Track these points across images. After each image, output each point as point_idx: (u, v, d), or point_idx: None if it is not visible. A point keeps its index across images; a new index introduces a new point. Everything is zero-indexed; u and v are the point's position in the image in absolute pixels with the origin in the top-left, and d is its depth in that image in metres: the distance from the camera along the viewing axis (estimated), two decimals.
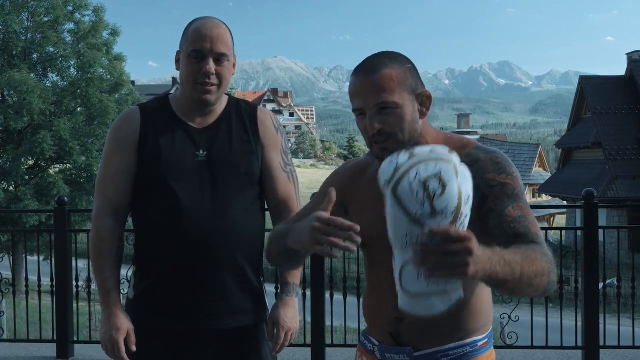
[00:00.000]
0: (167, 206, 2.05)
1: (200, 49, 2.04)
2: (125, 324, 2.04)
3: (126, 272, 2.63)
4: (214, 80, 2.06)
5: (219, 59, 2.06)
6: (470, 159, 1.66)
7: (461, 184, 1.33)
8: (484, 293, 1.74)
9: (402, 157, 1.36)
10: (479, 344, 1.71)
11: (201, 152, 2.08)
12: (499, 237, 1.62)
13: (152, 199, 2.08)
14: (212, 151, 2.08)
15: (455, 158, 1.36)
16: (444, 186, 1.29)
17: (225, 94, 2.20)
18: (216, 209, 2.05)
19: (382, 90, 1.63)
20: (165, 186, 2.05)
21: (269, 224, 2.29)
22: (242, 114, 2.17)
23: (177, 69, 2.13)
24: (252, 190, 2.14)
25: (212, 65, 2.04)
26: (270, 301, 2.25)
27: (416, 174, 1.30)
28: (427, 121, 1.75)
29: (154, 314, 2.10)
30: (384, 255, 1.73)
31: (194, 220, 2.03)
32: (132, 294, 2.17)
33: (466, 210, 1.33)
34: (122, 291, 4.99)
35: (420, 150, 1.37)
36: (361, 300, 1.92)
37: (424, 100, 1.71)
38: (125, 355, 2.03)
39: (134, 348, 2.04)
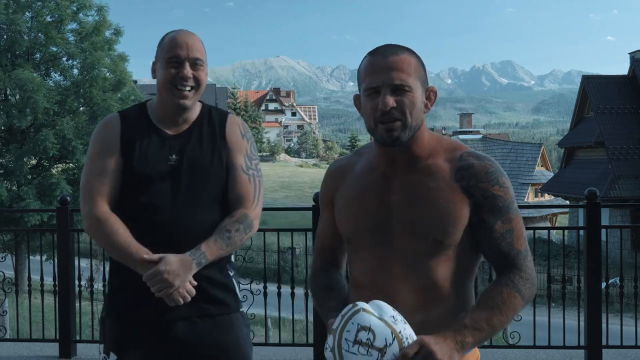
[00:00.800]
0: (141, 206, 2.19)
1: (177, 55, 2.20)
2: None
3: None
4: (191, 83, 2.21)
5: (195, 63, 2.22)
6: (464, 164, 1.73)
7: (379, 313, 1.50)
8: (467, 294, 1.77)
9: (329, 341, 1.52)
10: None
11: (173, 156, 2.23)
12: (484, 251, 1.73)
13: (127, 199, 2.22)
14: (183, 156, 2.23)
15: (359, 304, 1.52)
16: (370, 330, 1.46)
17: (200, 99, 2.33)
18: (184, 209, 2.19)
19: (401, 71, 1.68)
20: (139, 188, 2.20)
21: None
22: (213, 121, 2.32)
23: (154, 77, 2.29)
24: (219, 192, 2.26)
25: (189, 70, 2.20)
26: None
27: (346, 341, 1.48)
28: (424, 119, 1.79)
29: (127, 307, 2.23)
30: (366, 251, 1.78)
31: (165, 219, 2.18)
32: (108, 288, 2.33)
33: (400, 325, 1.49)
34: None
35: (336, 322, 1.53)
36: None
37: (430, 95, 1.77)
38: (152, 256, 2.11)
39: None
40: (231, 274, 2.33)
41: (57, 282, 5.18)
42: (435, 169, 1.73)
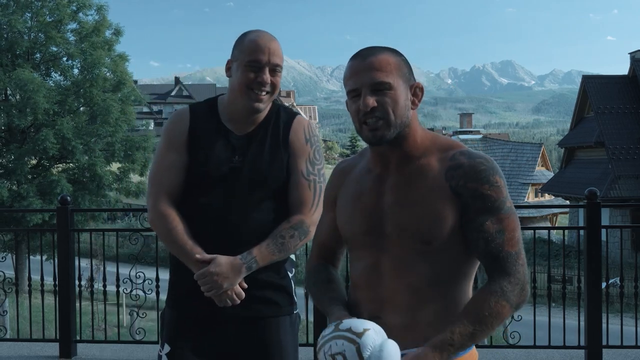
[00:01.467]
0: (203, 204, 2.22)
1: (258, 60, 2.19)
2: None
3: (128, 271, 2.66)
4: (268, 88, 2.22)
5: (274, 69, 2.22)
6: (454, 163, 1.70)
7: (347, 329, 1.56)
8: (461, 296, 1.75)
9: (329, 328, 1.58)
10: None
11: (237, 158, 2.24)
12: (475, 251, 1.70)
13: (187, 196, 2.25)
14: (245, 158, 2.24)
15: (364, 340, 1.55)
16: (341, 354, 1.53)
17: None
18: (244, 210, 2.21)
19: (380, 70, 1.68)
20: (200, 187, 2.23)
21: None
22: (280, 122, 2.32)
23: (228, 76, 2.28)
24: (278, 195, 2.28)
25: (268, 76, 2.20)
26: (300, 303, 2.41)
27: (329, 347, 1.55)
28: (416, 117, 1.78)
29: (186, 298, 2.27)
30: (362, 251, 1.80)
31: (220, 220, 2.20)
32: (169, 280, 2.35)
33: (365, 338, 1.54)
34: (124, 290, 4.95)
35: (343, 325, 1.58)
36: None
37: (417, 92, 1.75)
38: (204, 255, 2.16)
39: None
40: (290, 274, 2.36)
41: (57, 282, 5.18)
42: (426, 169, 1.72)
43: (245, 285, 2.17)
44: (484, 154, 1.73)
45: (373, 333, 1.55)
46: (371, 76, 1.68)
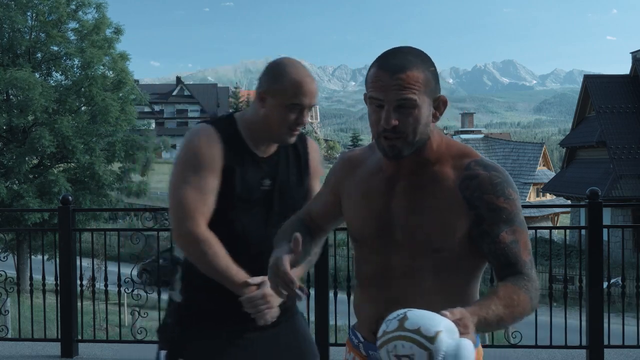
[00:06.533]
0: (235, 231, 2.19)
1: (302, 103, 2.18)
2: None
3: (130, 271, 2.65)
4: (302, 127, 2.26)
5: (310, 109, 2.26)
6: (469, 174, 1.68)
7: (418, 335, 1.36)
8: (467, 295, 1.74)
9: (393, 323, 1.40)
10: None
11: (267, 182, 2.24)
12: (490, 261, 1.69)
13: (220, 222, 2.18)
14: (275, 181, 2.25)
15: (437, 345, 1.36)
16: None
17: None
18: (273, 233, 2.16)
19: (406, 89, 1.63)
20: (235, 212, 2.20)
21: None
22: (296, 143, 2.33)
23: (261, 107, 2.21)
24: None
25: (307, 118, 2.23)
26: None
27: (394, 346, 1.37)
28: (435, 125, 1.76)
29: (203, 318, 2.22)
30: (372, 253, 1.78)
31: (258, 245, 2.19)
32: (179, 297, 2.28)
33: (438, 344, 1.37)
34: (126, 290, 4.94)
35: (410, 323, 1.38)
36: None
37: (439, 105, 1.72)
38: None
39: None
40: None
41: (58, 282, 5.18)
42: (440, 176, 1.70)
43: None
44: (496, 165, 1.72)
45: (446, 336, 1.39)
46: (398, 94, 1.63)
